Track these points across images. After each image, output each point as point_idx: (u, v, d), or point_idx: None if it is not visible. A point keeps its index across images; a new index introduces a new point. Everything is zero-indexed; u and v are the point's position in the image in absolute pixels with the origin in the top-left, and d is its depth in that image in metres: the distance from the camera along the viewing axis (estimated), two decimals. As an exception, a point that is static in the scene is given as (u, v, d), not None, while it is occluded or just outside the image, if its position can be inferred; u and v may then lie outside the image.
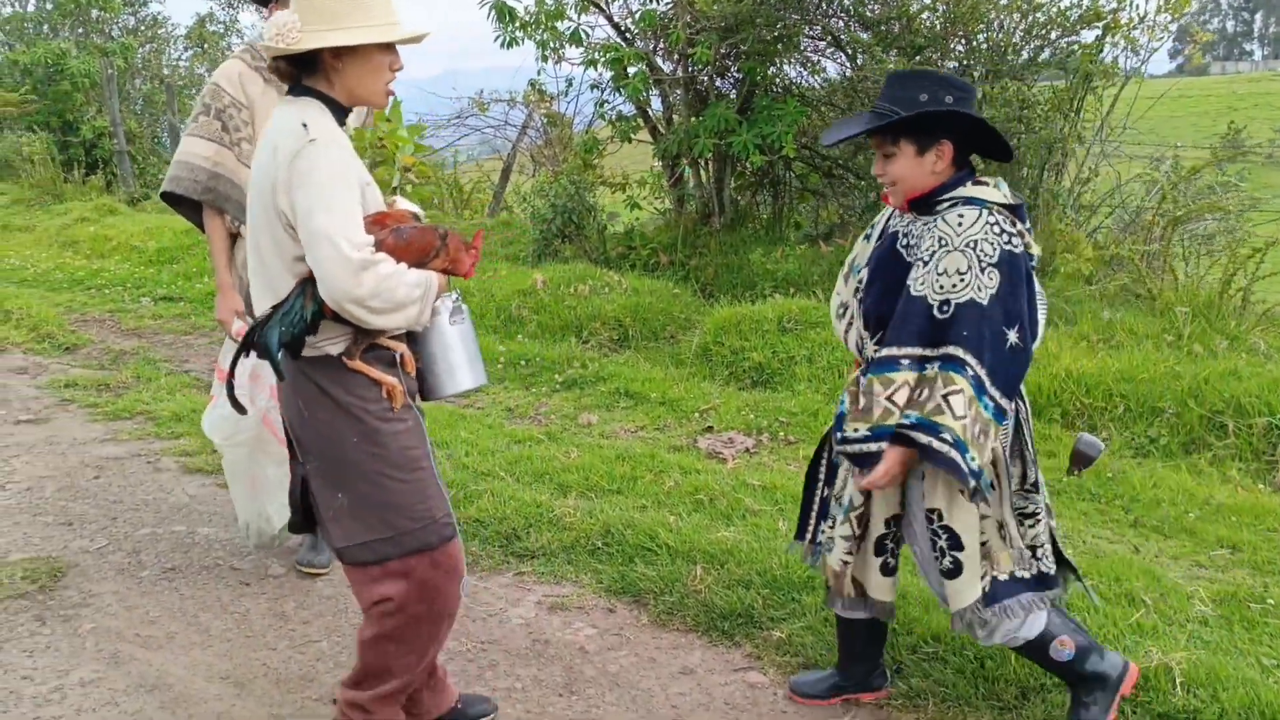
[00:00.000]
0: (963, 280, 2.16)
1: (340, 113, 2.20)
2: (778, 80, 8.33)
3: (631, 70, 7.97)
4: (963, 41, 7.37)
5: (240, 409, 2.26)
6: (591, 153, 8.90)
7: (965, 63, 7.32)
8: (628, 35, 8.39)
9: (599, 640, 3.07)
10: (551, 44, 8.19)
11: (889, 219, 2.47)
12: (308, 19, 2.11)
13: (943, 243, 2.21)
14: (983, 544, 2.35)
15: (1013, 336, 2.19)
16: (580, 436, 4.90)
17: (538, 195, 9.20)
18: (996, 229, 2.18)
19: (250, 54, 3.11)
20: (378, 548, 2.23)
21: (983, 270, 2.15)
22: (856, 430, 2.29)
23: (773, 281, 7.47)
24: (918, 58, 7.17)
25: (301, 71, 2.18)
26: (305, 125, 2.07)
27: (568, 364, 6.03)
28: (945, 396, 2.15)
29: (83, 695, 2.73)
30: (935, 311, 2.19)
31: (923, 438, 2.18)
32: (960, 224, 2.20)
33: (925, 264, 2.23)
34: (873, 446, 2.26)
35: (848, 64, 8.16)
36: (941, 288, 2.19)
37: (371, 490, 2.21)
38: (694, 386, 5.67)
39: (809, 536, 2.71)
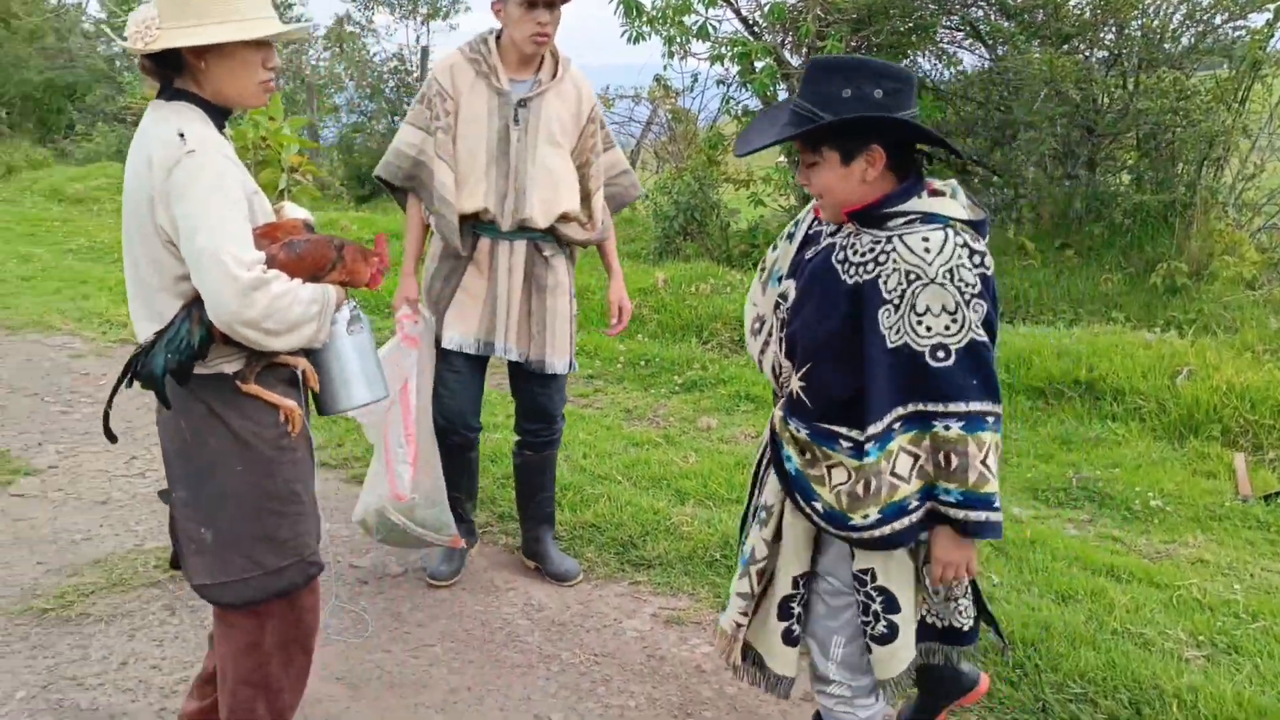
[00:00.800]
0: (955, 321, 1.81)
1: (219, 115, 2.03)
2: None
3: (759, 64, 7.81)
4: (1114, 29, 6.94)
5: (111, 437, 2.13)
6: (716, 149, 8.78)
7: (1116, 51, 6.89)
8: (755, 29, 8.23)
9: (717, 659, 2.95)
10: (678, 38, 8.10)
11: (814, 219, 2.10)
12: (166, 14, 1.93)
13: (912, 277, 1.82)
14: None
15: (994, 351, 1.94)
16: (699, 441, 4.79)
17: (661, 192, 9.13)
18: (968, 252, 1.83)
19: (469, 46, 3.11)
20: (239, 589, 2.06)
21: (968, 304, 1.81)
22: (866, 517, 1.89)
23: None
24: (1064, 47, 6.78)
25: (170, 71, 1.99)
26: (182, 135, 1.90)
27: (688, 365, 5.93)
28: (984, 462, 1.83)
29: (205, 689, 2.77)
30: (929, 359, 1.83)
31: (981, 515, 1.85)
32: (928, 250, 1.82)
33: (896, 308, 1.84)
34: (886, 530, 1.89)
35: (987, 55, 7.80)
36: (929, 330, 1.82)
37: (246, 523, 2.05)
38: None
39: None
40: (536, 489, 3.43)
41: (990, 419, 1.83)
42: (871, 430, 1.85)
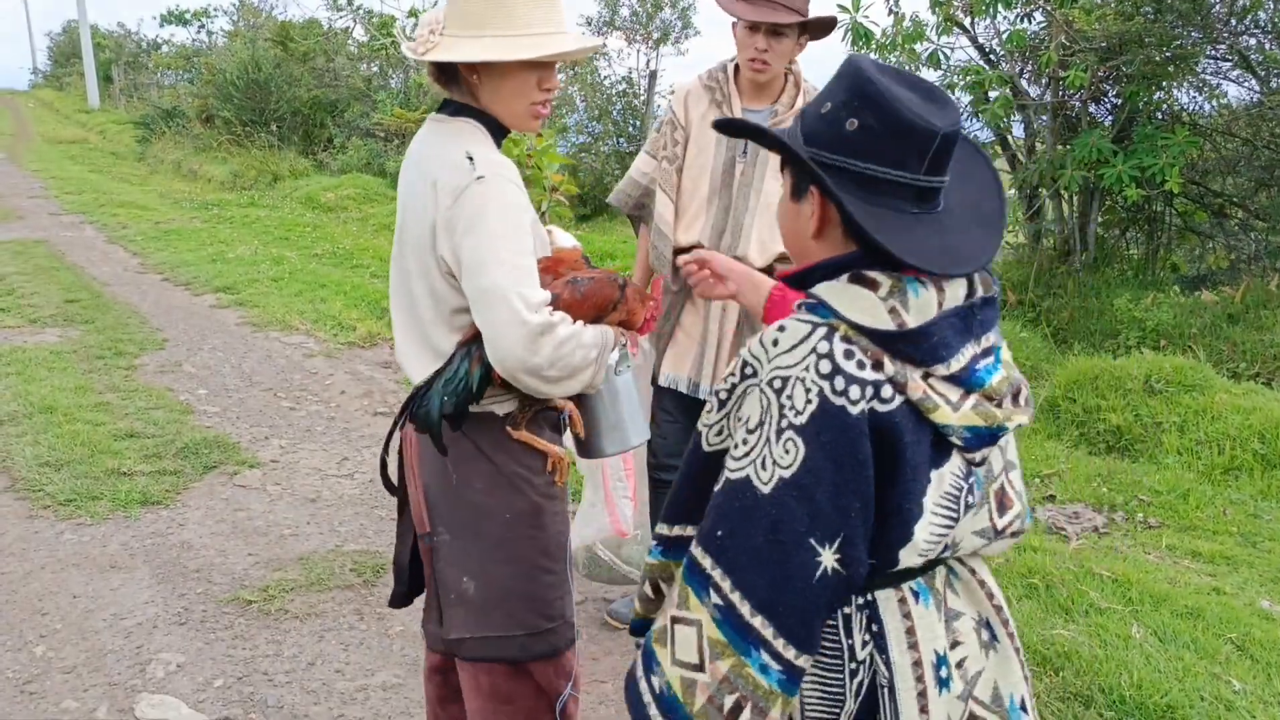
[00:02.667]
0: (746, 442, 1.23)
1: (499, 134, 1.88)
2: (1164, 106, 7.38)
3: (993, 95, 7.41)
4: None
5: (395, 491, 2.00)
6: (940, 181, 8.39)
7: None
8: (992, 57, 7.82)
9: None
10: (908, 66, 7.81)
11: None
12: (450, 19, 1.78)
13: (747, 371, 1.27)
14: None
15: (829, 559, 1.19)
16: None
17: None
18: (825, 365, 1.19)
19: (708, 74, 3.04)
20: (500, 647, 1.89)
21: (778, 434, 1.19)
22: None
23: (1140, 332, 6.63)
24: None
25: (450, 83, 1.86)
26: (471, 158, 1.75)
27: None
28: (674, 621, 1.25)
29: (382, 700, 2.83)
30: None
31: (637, 670, 1.30)
32: (776, 343, 1.24)
33: (722, 404, 1.31)
34: None
35: (1257, 88, 7.06)
36: (742, 446, 1.26)
37: (514, 578, 1.88)
38: (1036, 445, 5.08)
39: None
40: None
41: (710, 592, 1.21)
42: (662, 530, 1.40)
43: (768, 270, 2.95)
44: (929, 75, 7.93)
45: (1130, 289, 7.25)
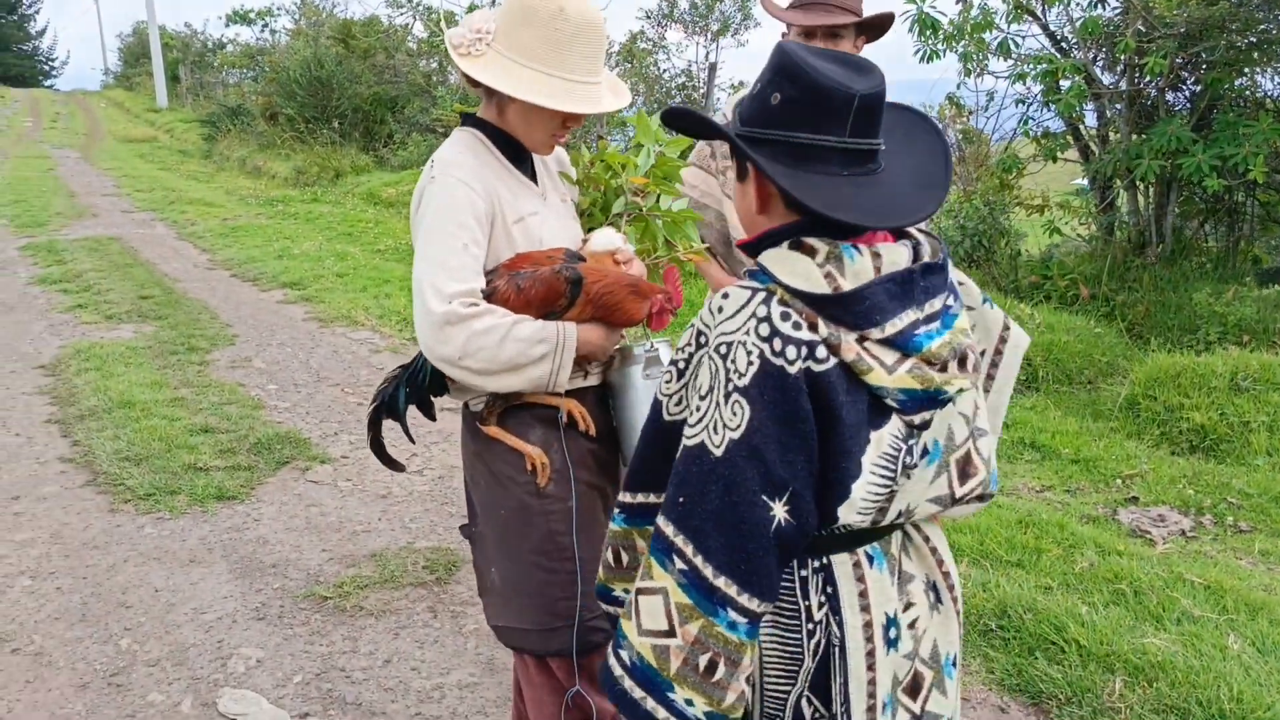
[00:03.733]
0: (699, 409, 1.29)
1: (513, 148, 1.92)
2: (1247, 93, 7.13)
3: (1065, 84, 7.21)
4: None
5: (394, 465, 2.19)
6: (1010, 171, 8.21)
7: None
8: (1064, 45, 7.62)
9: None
10: (976, 56, 7.64)
11: None
12: (501, 38, 1.82)
13: (700, 339, 1.33)
14: None
15: (780, 512, 1.24)
16: (976, 490, 4.42)
17: (946, 215, 8.66)
18: (765, 329, 1.25)
19: None
20: (523, 639, 1.95)
21: (726, 398, 1.25)
22: (627, 590, 1.47)
23: (1221, 327, 6.41)
24: None
25: (481, 90, 1.89)
26: (433, 161, 1.84)
27: (966, 404, 5.52)
28: (639, 593, 1.30)
29: (458, 699, 2.82)
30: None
31: (610, 659, 1.35)
32: (720, 310, 1.30)
33: (680, 373, 1.37)
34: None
35: (1348, 73, 6.78)
36: (697, 413, 1.31)
37: (519, 575, 1.92)
38: (1115, 445, 4.94)
39: None
40: None
41: (674, 558, 1.26)
42: (624, 498, 1.45)
43: None
44: (997, 65, 7.75)
45: (1210, 283, 7.02)
